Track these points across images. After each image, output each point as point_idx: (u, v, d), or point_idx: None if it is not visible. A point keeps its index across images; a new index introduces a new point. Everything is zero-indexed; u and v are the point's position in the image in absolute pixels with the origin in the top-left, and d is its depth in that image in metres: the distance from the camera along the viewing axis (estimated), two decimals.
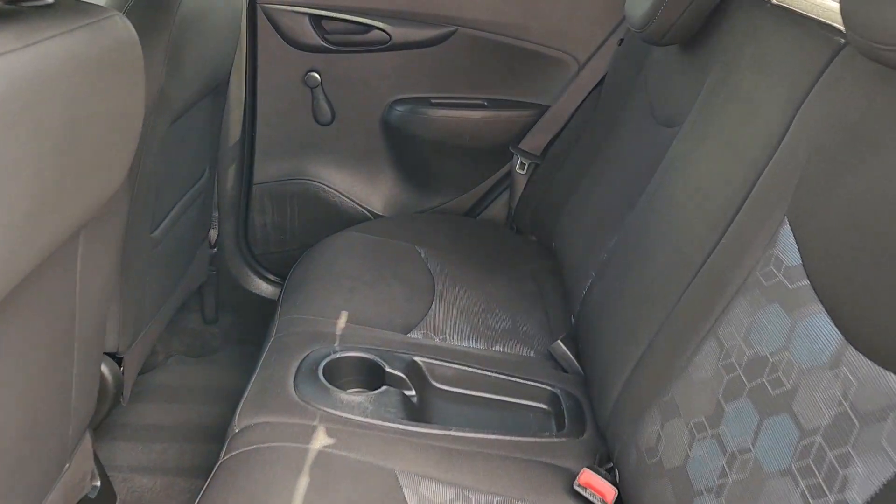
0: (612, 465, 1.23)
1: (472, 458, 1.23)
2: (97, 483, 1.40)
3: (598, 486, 1.16)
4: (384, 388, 1.37)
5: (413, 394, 1.40)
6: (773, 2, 1.32)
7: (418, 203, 2.25)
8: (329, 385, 1.34)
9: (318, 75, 2.06)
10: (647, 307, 1.27)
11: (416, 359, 1.45)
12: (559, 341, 1.54)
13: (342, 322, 1.54)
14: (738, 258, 1.05)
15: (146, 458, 1.83)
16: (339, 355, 1.43)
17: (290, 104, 2.09)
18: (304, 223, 2.23)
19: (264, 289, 2.25)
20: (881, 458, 0.72)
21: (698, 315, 1.10)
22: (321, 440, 1.20)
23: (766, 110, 1.15)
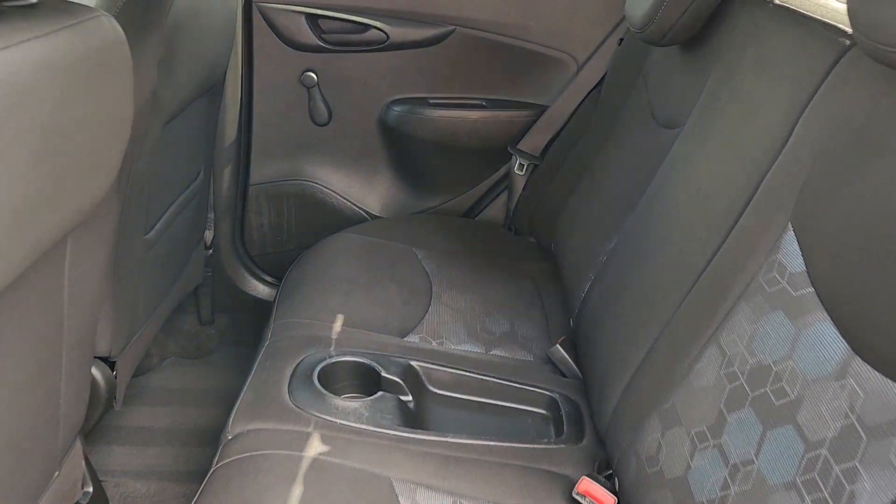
0: (611, 473, 1.21)
1: (469, 466, 1.21)
2: (89, 489, 1.38)
3: (598, 495, 1.14)
4: (380, 393, 1.36)
5: (409, 399, 1.39)
6: (776, 2, 1.30)
7: (416, 204, 2.24)
8: (324, 391, 1.32)
9: (314, 75, 2.05)
10: (647, 311, 1.25)
11: (413, 363, 1.44)
12: (558, 345, 1.53)
13: (338, 326, 1.52)
14: (741, 263, 1.03)
15: (140, 463, 1.81)
16: (334, 360, 1.41)
17: (287, 104, 2.08)
18: (300, 224, 2.21)
19: (261, 290, 2.23)
20: (889, 473, 0.70)
21: (699, 321, 1.08)
22: (316, 447, 1.19)
23: (768, 112, 1.13)
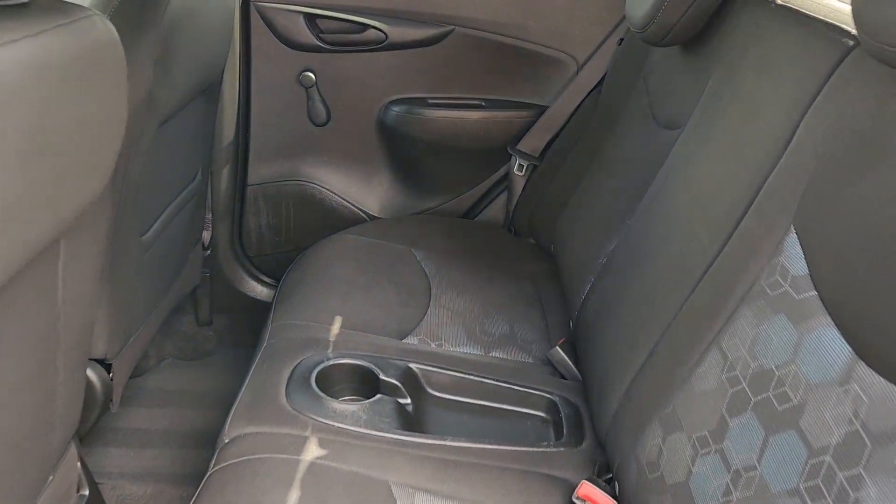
0: (611, 476, 1.20)
1: (468, 470, 1.20)
2: (85, 492, 1.37)
3: (598, 500, 1.13)
4: (378, 396, 1.35)
5: (408, 402, 1.38)
6: (778, 2, 1.28)
7: (415, 205, 2.23)
8: (322, 394, 1.31)
9: (313, 75, 2.03)
10: (647, 314, 1.24)
11: (412, 365, 1.43)
12: (557, 347, 1.52)
13: (336, 328, 1.51)
14: (743, 266, 1.02)
15: (137, 465, 1.80)
16: (332, 362, 1.40)
17: (285, 104, 2.07)
18: (299, 225, 2.20)
19: (259, 291, 2.22)
20: (895, 481, 0.69)
21: (701, 324, 1.07)
22: (313, 451, 1.18)
23: (770, 113, 1.12)
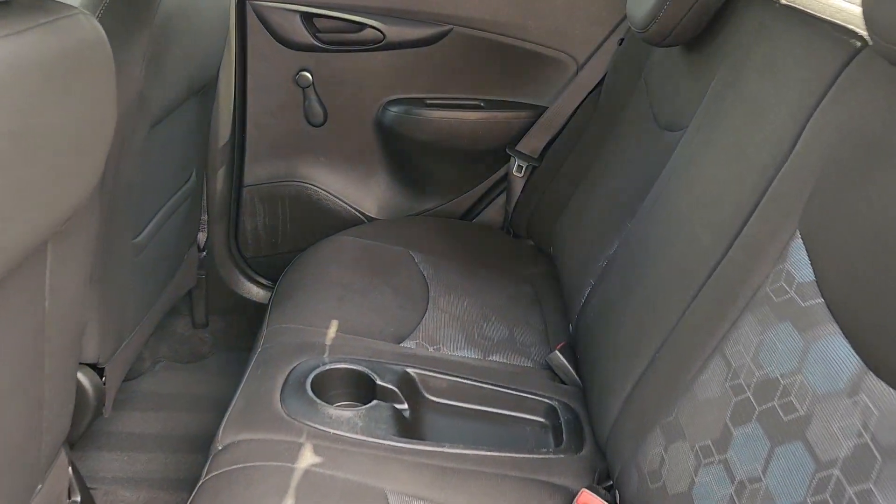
0: (611, 484, 1.18)
1: (465, 477, 1.18)
2: (77, 498, 1.35)
3: None
4: (375, 402, 1.33)
5: (405, 408, 1.35)
6: (783, 2, 1.26)
7: (413, 206, 2.21)
8: (317, 399, 1.29)
9: (309, 75, 2.01)
10: (649, 319, 1.21)
11: (409, 370, 1.41)
12: (557, 351, 1.50)
13: (332, 331, 1.49)
14: (747, 272, 1.00)
15: (130, 470, 1.77)
16: (327, 367, 1.38)
17: (281, 105, 2.05)
18: (295, 226, 2.18)
19: (255, 293, 2.20)
20: None
21: (704, 331, 1.05)
22: (308, 458, 1.15)
23: (775, 115, 1.10)
